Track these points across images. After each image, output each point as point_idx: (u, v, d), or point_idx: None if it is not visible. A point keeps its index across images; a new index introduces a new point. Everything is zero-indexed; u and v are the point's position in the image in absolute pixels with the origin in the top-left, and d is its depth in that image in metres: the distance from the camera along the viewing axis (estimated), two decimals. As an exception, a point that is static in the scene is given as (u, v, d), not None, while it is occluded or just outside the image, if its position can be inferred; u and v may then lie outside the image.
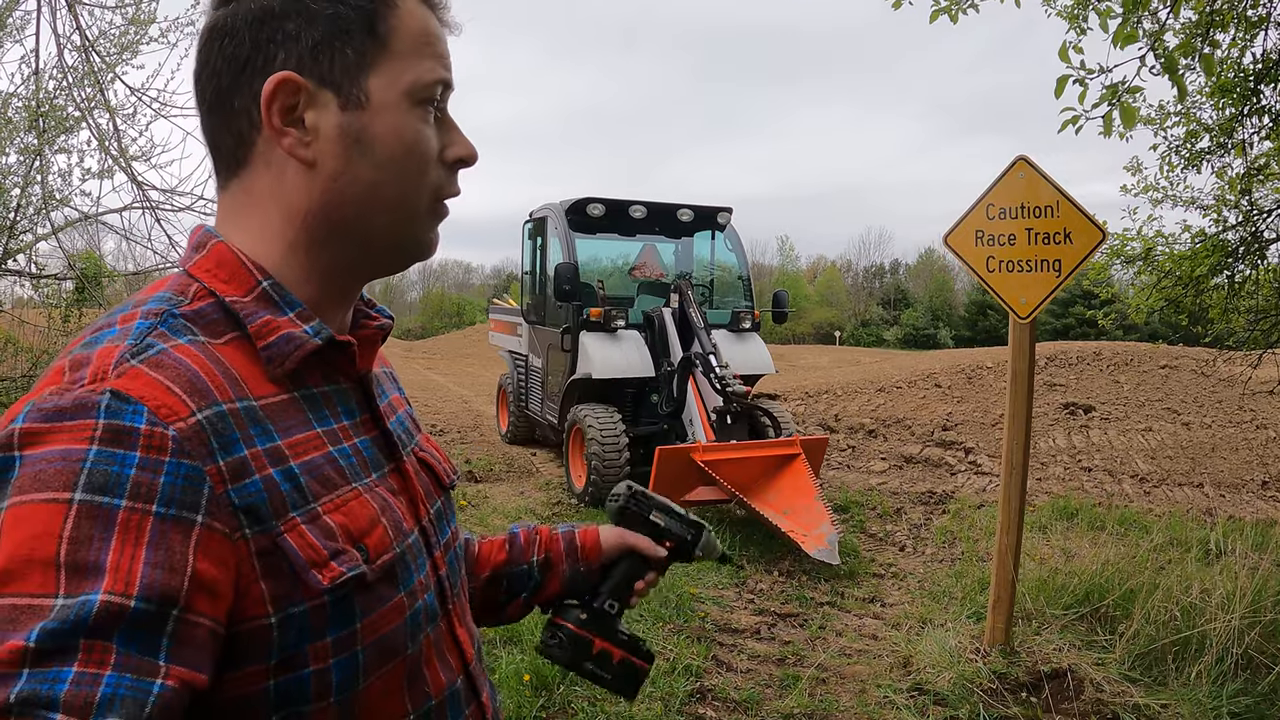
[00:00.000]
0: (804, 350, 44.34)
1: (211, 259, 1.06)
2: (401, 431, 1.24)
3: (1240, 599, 5.02)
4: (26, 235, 7.77)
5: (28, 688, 0.72)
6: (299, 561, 0.93)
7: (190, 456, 0.87)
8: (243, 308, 1.03)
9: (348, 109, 1.04)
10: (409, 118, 1.07)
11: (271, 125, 1.03)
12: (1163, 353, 17.44)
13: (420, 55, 1.08)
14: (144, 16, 7.37)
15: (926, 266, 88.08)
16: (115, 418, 0.84)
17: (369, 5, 1.04)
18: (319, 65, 1.04)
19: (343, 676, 0.97)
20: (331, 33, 1.03)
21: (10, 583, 0.76)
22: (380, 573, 1.02)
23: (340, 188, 1.06)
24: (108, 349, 0.91)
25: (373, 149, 1.05)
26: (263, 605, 0.91)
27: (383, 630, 1.02)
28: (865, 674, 5.29)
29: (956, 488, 10.52)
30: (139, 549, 0.80)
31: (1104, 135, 4.06)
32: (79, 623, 0.75)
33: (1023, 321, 5.16)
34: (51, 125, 7.01)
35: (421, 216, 1.12)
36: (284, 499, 0.95)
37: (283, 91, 1.02)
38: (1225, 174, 6.92)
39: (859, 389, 17.69)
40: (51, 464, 0.81)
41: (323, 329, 1.07)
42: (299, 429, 1.02)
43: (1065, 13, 5.30)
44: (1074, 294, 52.81)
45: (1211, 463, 11.52)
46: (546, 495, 9.84)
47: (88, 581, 0.77)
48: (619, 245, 12.51)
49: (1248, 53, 5.78)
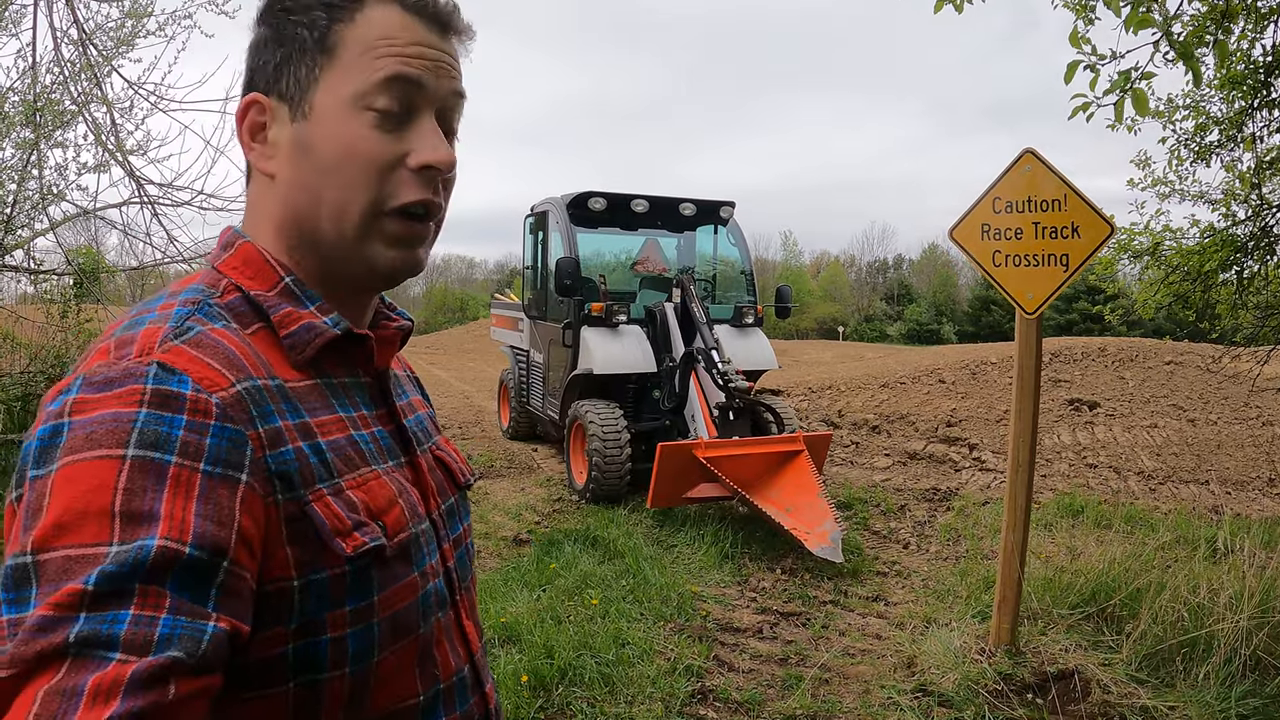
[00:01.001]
0: (807, 345, 44.33)
1: (239, 257, 1.13)
2: (419, 430, 1.30)
3: (1248, 599, 4.98)
4: (24, 230, 7.74)
5: (86, 629, 0.74)
6: (325, 529, 0.98)
7: (233, 421, 0.92)
8: (267, 301, 1.09)
9: (296, 120, 1.10)
10: (350, 124, 1.08)
11: (242, 140, 1.13)
12: (1168, 349, 17.39)
13: (370, 58, 1.08)
14: (141, 9, 7.32)
15: (930, 262, 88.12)
16: (163, 384, 0.89)
17: (324, 20, 1.09)
18: (278, 83, 1.11)
19: (358, 647, 1.01)
20: (289, 52, 1.10)
21: (66, 535, 0.79)
22: (397, 549, 1.07)
23: (293, 196, 1.11)
24: (151, 329, 0.96)
25: (314, 157, 1.08)
26: (288, 568, 0.95)
27: (397, 606, 1.06)
28: (869, 674, 5.23)
29: (961, 484, 10.47)
30: (190, 501, 0.84)
31: (1115, 123, 4.00)
32: (136, 566, 0.78)
33: (1029, 317, 5.09)
34: (48, 119, 6.98)
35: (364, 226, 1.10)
36: (313, 470, 1.00)
37: (252, 110, 1.12)
38: (1234, 168, 6.86)
39: (862, 385, 17.63)
40: (104, 424, 0.85)
41: (341, 320, 1.12)
42: (323, 411, 1.07)
43: (1072, 3, 5.23)
44: (1078, 289, 52.71)
45: (1217, 460, 11.46)
46: (547, 491, 9.81)
47: (142, 528, 0.80)
48: (621, 239, 12.47)
49: (1258, 45, 5.72)
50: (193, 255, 8.25)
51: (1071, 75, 3.92)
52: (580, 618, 5.78)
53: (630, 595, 6.29)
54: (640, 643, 5.44)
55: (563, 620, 5.70)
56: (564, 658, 5.07)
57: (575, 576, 6.55)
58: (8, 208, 7.29)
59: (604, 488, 8.96)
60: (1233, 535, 6.37)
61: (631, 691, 4.87)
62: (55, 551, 0.78)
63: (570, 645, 5.24)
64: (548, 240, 11.44)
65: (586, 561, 6.96)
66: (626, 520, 8.38)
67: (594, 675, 4.96)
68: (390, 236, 1.11)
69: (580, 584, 6.43)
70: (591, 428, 8.98)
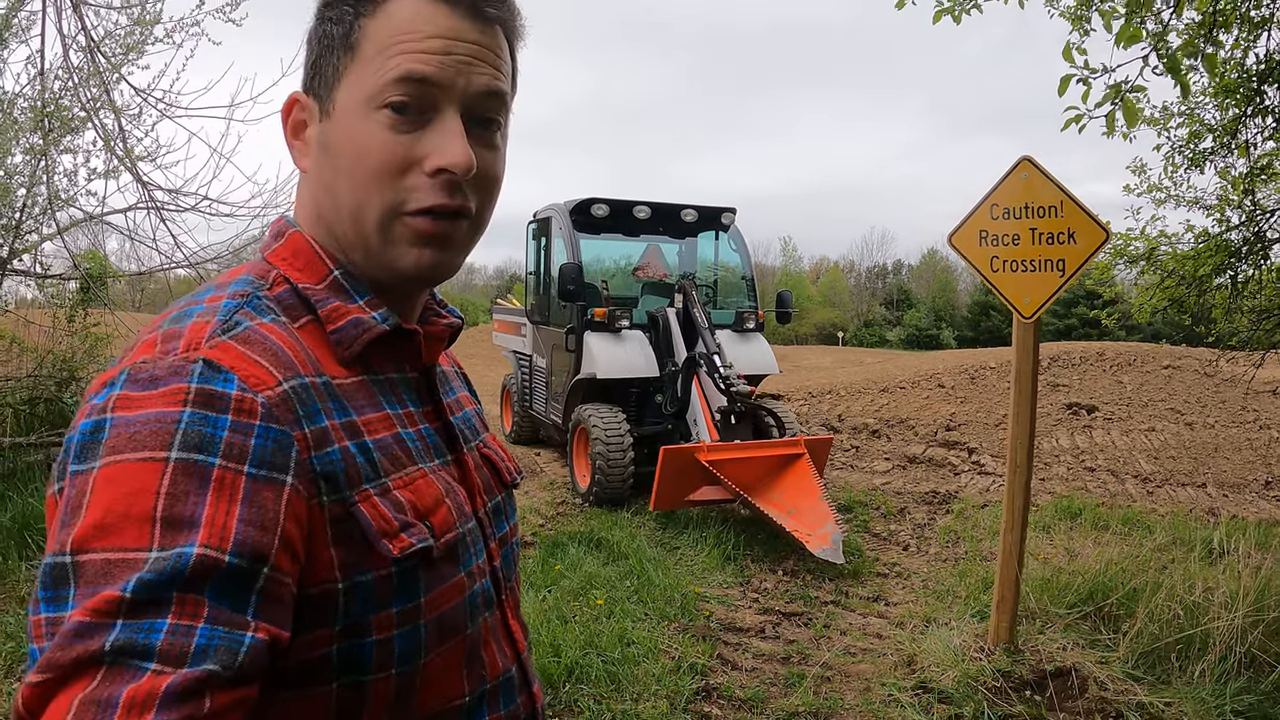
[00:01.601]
0: (807, 351, 44.36)
1: (289, 247, 1.12)
2: (466, 427, 1.28)
3: (1244, 598, 5.05)
4: (32, 235, 7.80)
5: (122, 637, 0.73)
6: (371, 531, 0.96)
7: (279, 422, 0.90)
8: (315, 294, 1.08)
9: (322, 119, 1.09)
10: (364, 124, 1.04)
11: (286, 137, 1.13)
12: (1166, 353, 17.45)
13: (387, 54, 1.03)
14: (149, 17, 7.40)
15: (929, 267, 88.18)
16: (208, 383, 0.88)
17: (350, 15, 1.06)
18: (313, 82, 1.10)
19: (404, 648, 0.99)
20: (321, 50, 1.09)
21: (106, 537, 0.78)
22: (444, 550, 1.06)
23: (319, 194, 1.11)
24: (199, 324, 0.95)
25: (335, 156, 1.07)
26: (333, 570, 0.93)
27: (444, 607, 1.05)
28: (870, 672, 5.31)
29: (960, 488, 10.54)
30: (233, 505, 0.83)
31: (1107, 134, 4.08)
32: (175, 574, 0.77)
33: (1026, 321, 5.17)
34: (57, 126, 7.04)
35: (383, 229, 1.06)
36: (359, 470, 0.98)
37: (294, 108, 1.12)
38: (1228, 174, 6.93)
39: (862, 389, 17.70)
40: (147, 425, 0.83)
41: (390, 315, 1.10)
42: (370, 409, 1.06)
43: (1068, 14, 5.32)
44: (1077, 294, 52.84)
45: (1215, 463, 11.53)
46: (551, 495, 9.87)
47: (183, 535, 0.79)
48: (623, 245, 12.51)
49: (1251, 53, 5.79)
50: (199, 260, 8.33)
51: (1065, 88, 4.01)
52: (585, 618, 5.86)
53: (634, 596, 6.36)
54: (645, 642, 5.51)
55: (569, 620, 5.77)
56: (570, 656, 5.14)
57: (580, 578, 6.62)
58: (16, 213, 7.36)
59: (607, 491, 9.02)
60: (1228, 536, 6.45)
61: (637, 689, 4.94)
62: (95, 554, 0.77)
63: (576, 644, 5.31)
64: (550, 246, 11.51)
65: (591, 563, 7.02)
66: (630, 523, 8.45)
67: (600, 673, 5.03)
68: (413, 236, 1.06)
69: (585, 585, 6.50)
70: (595, 432, 9.04)
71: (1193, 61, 4.05)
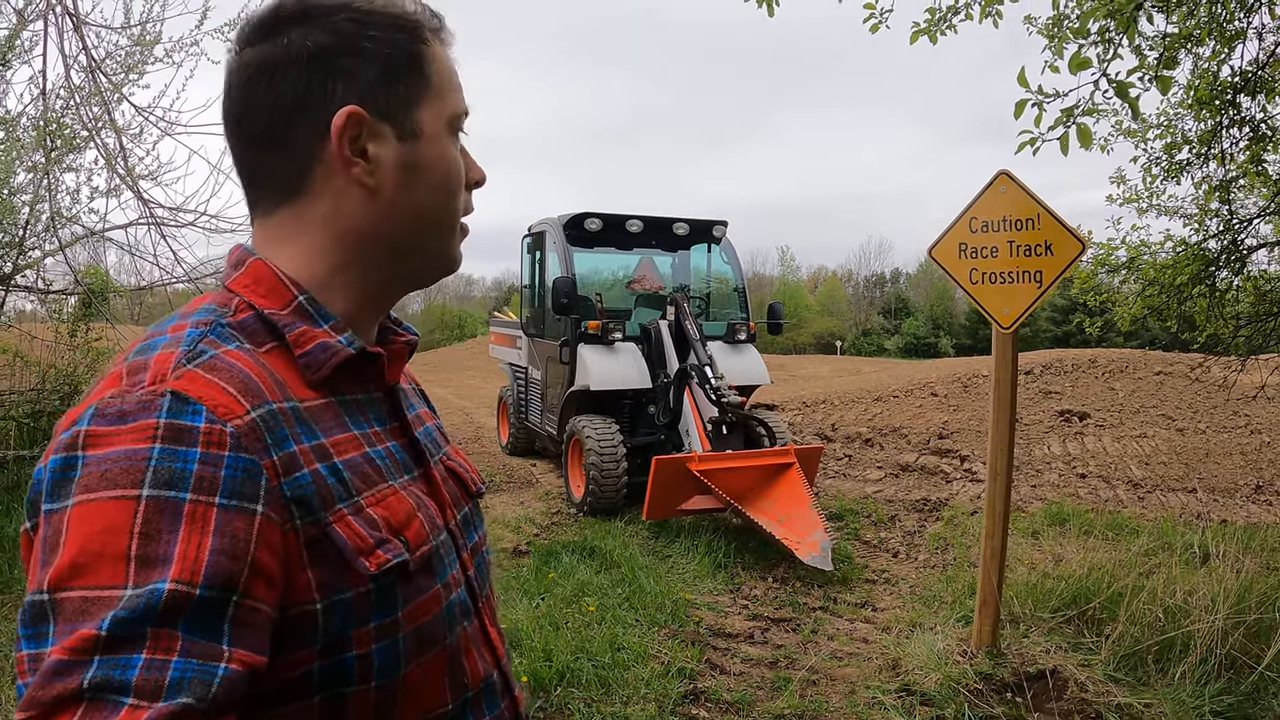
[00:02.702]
0: (805, 360, 44.38)
1: (250, 275, 1.12)
2: (429, 442, 1.30)
3: (1225, 600, 5.12)
4: (35, 252, 7.91)
5: (100, 674, 0.75)
6: (347, 550, 0.98)
7: (248, 451, 0.92)
8: (280, 319, 1.09)
9: (404, 139, 1.13)
10: (449, 146, 1.18)
11: (342, 155, 1.09)
12: (1157, 359, 17.50)
13: (451, 89, 1.19)
14: (150, 37, 7.52)
15: (927, 276, 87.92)
16: (176, 417, 0.89)
17: (415, 47, 1.14)
18: (377, 100, 1.10)
19: (384, 661, 1.01)
20: (386, 70, 1.11)
21: (82, 576, 0.80)
22: (420, 563, 1.07)
23: (398, 212, 1.14)
24: (164, 355, 0.96)
25: (425, 175, 1.16)
26: (310, 592, 0.94)
27: (422, 619, 1.07)
28: (855, 676, 5.40)
29: (951, 495, 10.62)
30: (205, 537, 0.84)
31: (1063, 154, 4.19)
32: (148, 611, 0.78)
33: (1005, 332, 5.28)
34: (59, 144, 7.14)
35: (455, 232, 1.23)
36: (331, 492, 1.00)
37: (351, 124, 1.09)
38: (1206, 184, 7.04)
39: (856, 398, 17.77)
40: (118, 463, 0.85)
41: (356, 339, 1.13)
42: (339, 430, 1.08)
43: (1045, 31, 5.44)
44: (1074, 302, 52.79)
45: (1205, 468, 11.60)
46: (546, 505, 9.96)
47: (156, 571, 0.81)
48: (617, 258, 12.61)
49: (1226, 66, 5.90)
50: (198, 275, 8.44)
51: (1020, 112, 4.11)
52: (577, 624, 5.95)
53: (626, 603, 6.46)
54: (635, 647, 5.61)
55: (561, 626, 5.87)
56: (562, 661, 5.25)
57: (573, 585, 6.72)
58: (20, 230, 7.47)
59: (601, 500, 9.11)
60: (1214, 540, 6.54)
61: (626, 692, 5.04)
62: (73, 592, 0.79)
63: (568, 649, 5.42)
64: (545, 260, 11.60)
65: (584, 571, 7.11)
66: (623, 532, 8.53)
67: (591, 677, 5.14)
68: (462, 237, 1.26)
69: (578, 592, 6.60)
70: (589, 443, 9.13)
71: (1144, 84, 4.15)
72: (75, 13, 7.23)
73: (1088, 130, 4.03)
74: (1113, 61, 3.94)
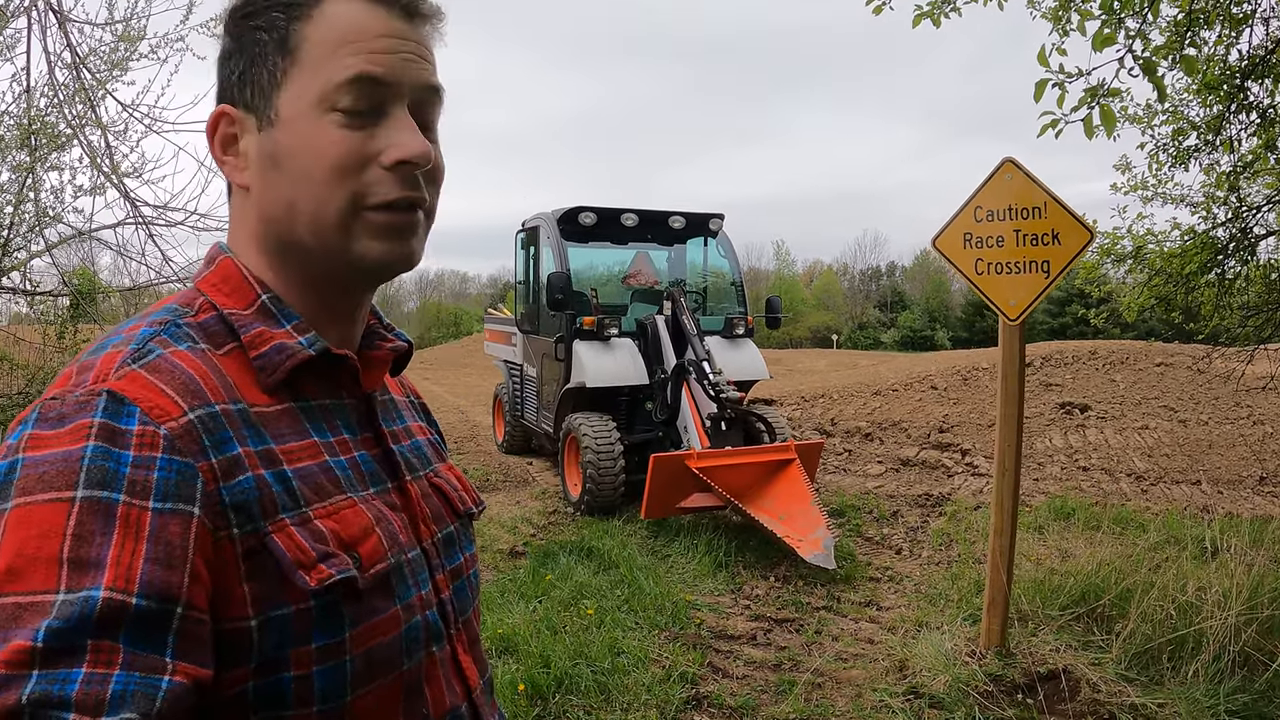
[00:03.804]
0: (801, 354, 44.35)
1: (218, 274, 1.10)
2: (414, 456, 1.25)
3: (1237, 596, 5.03)
4: (20, 253, 7.78)
5: (39, 689, 0.72)
6: (286, 562, 0.93)
7: (181, 453, 0.88)
8: (240, 320, 1.06)
9: (263, 129, 1.07)
10: (317, 126, 1.03)
11: (214, 154, 1.10)
12: (1158, 350, 17.43)
13: (335, 56, 1.03)
14: (134, 33, 7.38)
15: (923, 269, 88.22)
16: (110, 418, 0.86)
17: (282, 21, 1.05)
18: (243, 93, 1.08)
19: (326, 685, 0.95)
20: (251, 59, 1.07)
21: (14, 582, 0.77)
22: (373, 582, 1.01)
23: (266, 207, 1.08)
24: (111, 354, 0.94)
25: (284, 165, 1.05)
26: (244, 607, 0.90)
27: (373, 642, 1.00)
28: (861, 678, 5.29)
29: (953, 490, 10.53)
30: (139, 544, 0.81)
31: (1087, 138, 4.06)
32: (83, 621, 0.75)
33: (1012, 323, 5.16)
34: (43, 143, 7.01)
35: (345, 226, 1.05)
36: (274, 499, 0.95)
37: (222, 122, 1.09)
38: (1213, 171, 6.94)
39: (855, 392, 17.68)
40: (54, 465, 0.82)
41: (318, 341, 1.08)
42: (293, 437, 1.03)
43: (1049, 14, 5.32)
44: (1070, 293, 52.89)
45: (1209, 459, 11.52)
46: (543, 504, 9.86)
47: (88, 576, 0.78)
48: (612, 253, 12.53)
49: (1233, 50, 5.79)
50: (187, 275, 8.32)
51: (1041, 93, 4.00)
52: (576, 628, 5.84)
53: (625, 605, 6.35)
54: (635, 651, 5.49)
55: (559, 630, 5.75)
56: (560, 667, 5.13)
57: (571, 587, 6.61)
58: (4, 230, 7.34)
59: (598, 499, 9.02)
60: (1222, 534, 6.44)
61: (627, 699, 4.92)
62: (5, 598, 0.76)
63: (566, 654, 5.30)
64: (539, 255, 11.51)
65: (582, 572, 7.00)
66: (621, 531, 8.44)
67: (590, 684, 5.02)
68: (375, 228, 1.06)
69: (576, 595, 6.49)
70: (585, 440, 9.04)
71: (1169, 63, 4.03)
72: (58, 9, 7.09)
73: (1110, 111, 3.90)
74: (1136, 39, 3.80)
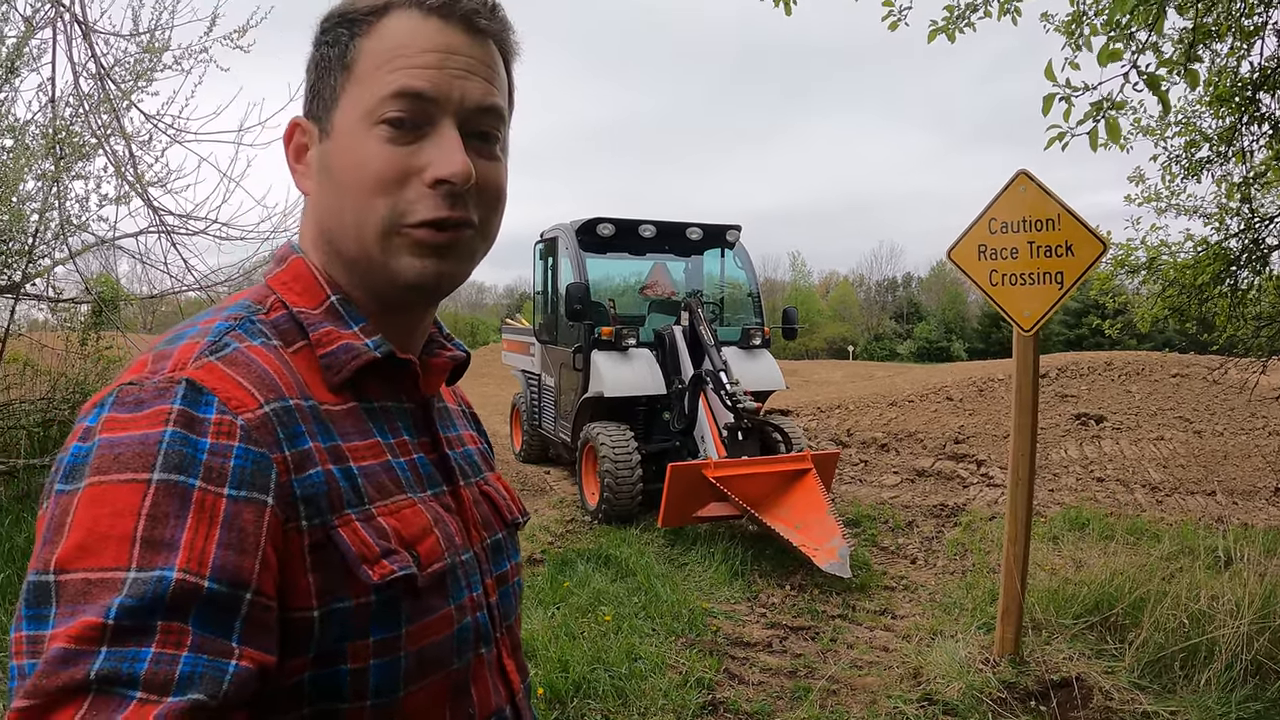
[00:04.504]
0: (817, 365, 44.30)
1: (289, 272, 1.13)
2: (466, 463, 1.27)
3: (1250, 605, 5.06)
4: (44, 260, 7.88)
5: (108, 665, 0.73)
6: (350, 555, 0.95)
7: (257, 444, 0.90)
8: (309, 319, 1.08)
9: (322, 140, 1.10)
10: (363, 140, 1.04)
11: (288, 161, 1.14)
12: (1173, 361, 17.38)
13: (383, 70, 1.04)
14: (158, 44, 7.49)
15: (939, 280, 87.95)
16: (189, 406, 0.88)
17: (346, 37, 1.07)
18: (313, 105, 1.12)
19: (381, 679, 0.97)
20: (319, 74, 1.10)
21: (86, 557, 0.78)
22: (430, 580, 1.03)
23: (321, 214, 1.11)
24: (189, 345, 0.96)
25: (334, 175, 1.07)
26: (309, 598, 0.92)
27: (427, 640, 1.02)
28: (876, 685, 5.32)
29: (968, 500, 10.54)
30: (213, 529, 0.83)
31: (1092, 150, 4.12)
32: (156, 601, 0.77)
33: (1026, 334, 5.21)
34: (68, 152, 7.11)
35: (382, 241, 1.05)
36: (341, 495, 0.97)
37: (296, 133, 1.13)
38: (1226, 182, 6.96)
39: (871, 403, 17.68)
40: (131, 446, 0.84)
41: (384, 344, 1.09)
42: (358, 436, 1.05)
43: (1062, 28, 5.37)
44: (1087, 304, 52.66)
45: (1224, 470, 11.51)
46: (560, 513, 9.90)
47: (160, 556, 0.79)
48: (629, 264, 12.59)
49: (1245, 62, 5.83)
50: (209, 284, 8.41)
51: (1049, 107, 4.05)
52: (594, 634, 5.89)
53: (642, 612, 6.40)
54: (652, 657, 5.54)
55: (577, 636, 5.81)
56: (578, 671, 5.18)
57: (588, 594, 6.66)
58: (29, 238, 7.44)
59: (616, 508, 9.06)
60: (1236, 544, 6.45)
61: (644, 704, 4.97)
62: (75, 574, 0.77)
63: (584, 660, 5.35)
64: (557, 266, 11.59)
65: (599, 580, 7.06)
66: (638, 539, 8.47)
67: (608, 688, 5.07)
68: (414, 245, 1.05)
69: (593, 601, 6.54)
70: (603, 449, 9.08)
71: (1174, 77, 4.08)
72: (84, 20, 7.21)
73: (1116, 125, 3.97)
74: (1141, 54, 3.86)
